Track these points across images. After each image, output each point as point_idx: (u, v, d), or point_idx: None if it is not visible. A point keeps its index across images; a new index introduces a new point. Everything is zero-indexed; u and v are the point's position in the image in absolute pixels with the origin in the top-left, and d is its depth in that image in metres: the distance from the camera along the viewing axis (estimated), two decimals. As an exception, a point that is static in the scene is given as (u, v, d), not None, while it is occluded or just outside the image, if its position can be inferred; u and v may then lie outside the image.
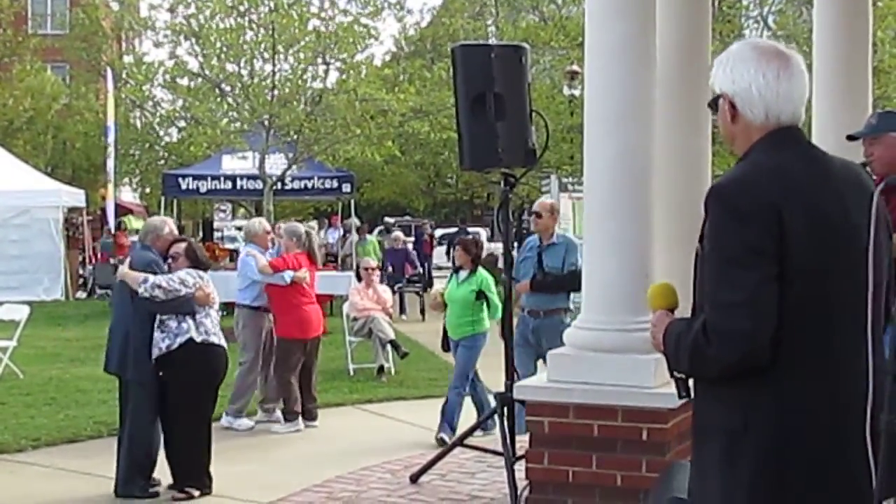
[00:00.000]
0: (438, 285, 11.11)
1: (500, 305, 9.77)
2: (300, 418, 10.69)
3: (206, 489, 8.20)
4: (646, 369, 6.06)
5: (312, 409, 10.88)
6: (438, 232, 40.93)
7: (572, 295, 9.74)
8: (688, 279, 3.53)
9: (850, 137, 5.90)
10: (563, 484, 6.26)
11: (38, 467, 9.26)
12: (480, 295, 10.06)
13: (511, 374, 7.37)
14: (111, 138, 25.76)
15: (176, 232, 9.04)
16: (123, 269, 8.23)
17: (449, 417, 9.82)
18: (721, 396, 3.08)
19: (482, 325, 10.11)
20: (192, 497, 8.11)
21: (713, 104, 3.28)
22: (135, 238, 28.83)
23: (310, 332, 10.89)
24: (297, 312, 10.79)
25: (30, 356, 14.68)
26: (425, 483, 7.73)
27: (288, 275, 10.69)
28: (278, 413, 10.86)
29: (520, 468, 6.71)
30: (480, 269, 10.31)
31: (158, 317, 8.20)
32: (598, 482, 6.15)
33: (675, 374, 3.28)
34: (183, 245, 8.58)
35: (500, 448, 7.19)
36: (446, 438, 9.35)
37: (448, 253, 30.24)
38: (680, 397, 3.32)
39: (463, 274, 10.30)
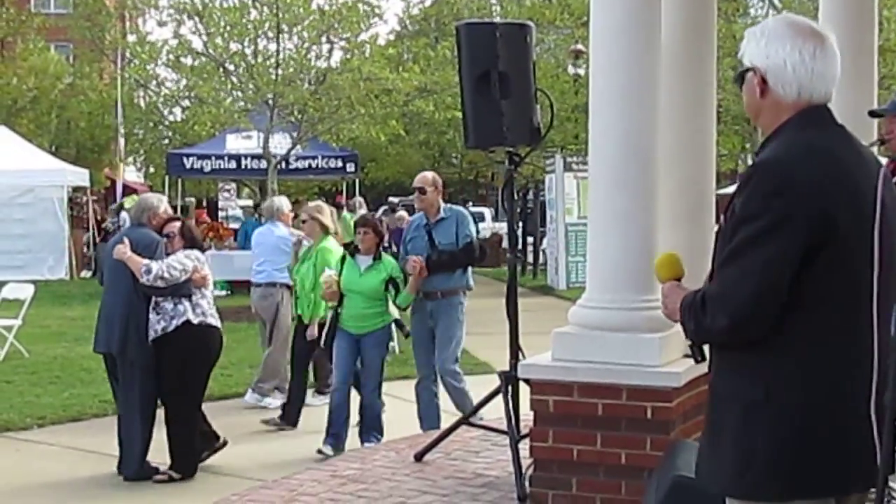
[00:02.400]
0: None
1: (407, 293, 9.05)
2: None
3: (190, 474, 8.30)
4: (650, 348, 6.06)
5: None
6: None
7: (470, 270, 9.30)
8: (693, 256, 3.55)
9: (873, 114, 5.85)
10: (568, 462, 6.27)
11: (44, 445, 9.30)
12: (388, 283, 9.02)
13: (515, 353, 7.36)
14: (121, 117, 25.79)
15: (170, 210, 9.02)
16: (125, 250, 8.15)
17: (375, 423, 9.18)
18: (743, 368, 3.10)
19: (389, 316, 9.13)
20: (172, 479, 8.19)
21: (741, 77, 3.25)
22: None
23: None
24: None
25: (35, 335, 14.72)
26: (430, 461, 7.74)
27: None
28: (276, 393, 11.06)
29: (524, 447, 6.72)
30: (384, 254, 9.34)
31: (153, 299, 8.21)
32: (603, 460, 6.16)
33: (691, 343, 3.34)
34: (177, 224, 8.55)
35: (504, 427, 7.20)
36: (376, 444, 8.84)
37: None
38: (696, 361, 3.39)
39: (365, 259, 9.12)
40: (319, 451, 8.74)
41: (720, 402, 3.18)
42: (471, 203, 41.56)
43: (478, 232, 9.60)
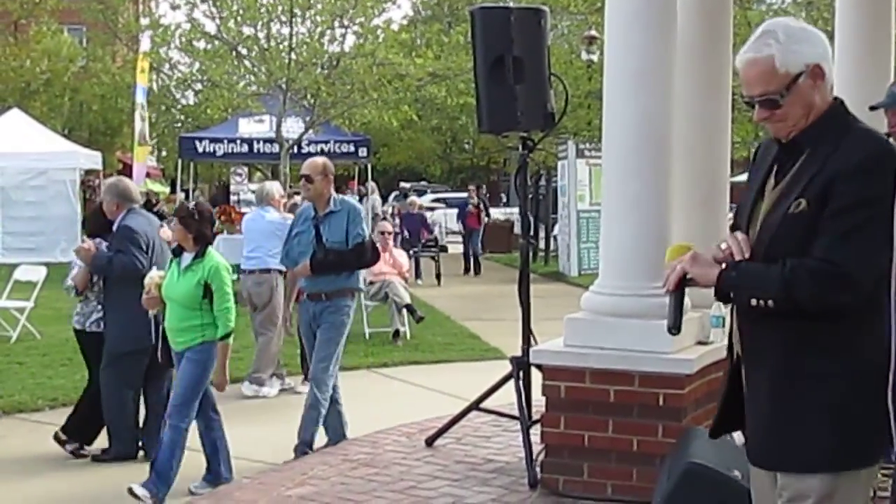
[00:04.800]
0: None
1: (231, 308, 7.29)
2: None
3: None
4: (663, 335, 6.02)
5: None
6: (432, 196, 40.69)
7: (360, 274, 8.43)
8: (706, 242, 3.55)
9: (872, 108, 5.82)
10: (579, 448, 6.28)
11: (56, 427, 9.30)
12: (209, 289, 7.29)
13: (527, 339, 7.35)
14: (141, 99, 25.76)
15: None
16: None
17: (164, 466, 7.15)
18: (822, 342, 3.23)
19: (213, 330, 7.33)
20: None
21: (790, 87, 3.30)
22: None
23: None
24: None
25: (47, 317, 14.73)
26: (441, 446, 7.75)
27: None
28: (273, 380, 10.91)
29: (536, 432, 6.72)
30: (211, 252, 7.42)
31: None
32: (614, 447, 6.17)
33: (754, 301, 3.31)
34: None
35: (516, 412, 7.20)
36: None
37: (459, 218, 29.71)
38: (671, 330, 3.53)
39: (186, 259, 7.38)
40: (131, 491, 7.04)
41: (811, 381, 3.25)
42: (481, 188, 41.41)
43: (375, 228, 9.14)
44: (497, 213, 37.19)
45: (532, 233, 27.31)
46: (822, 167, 3.23)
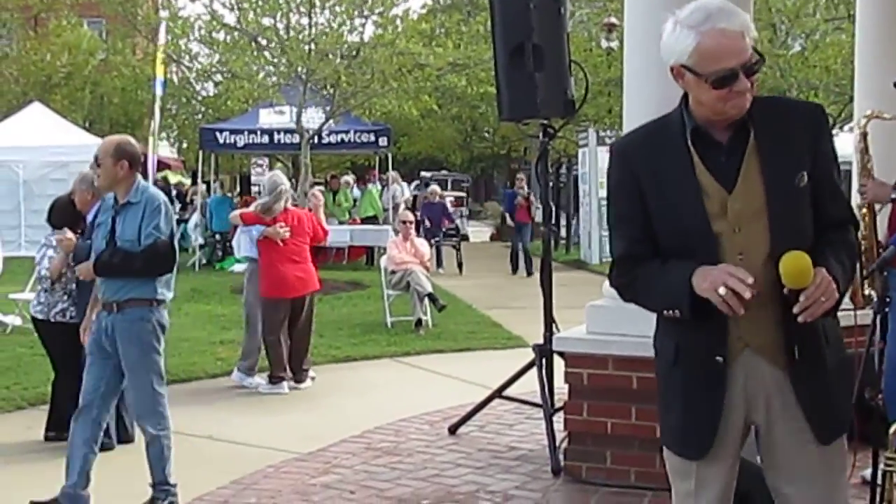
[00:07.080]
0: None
1: None
2: (284, 382, 10.27)
3: None
4: (685, 321, 6.03)
5: (302, 371, 10.50)
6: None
7: (167, 279, 6.49)
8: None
9: None
10: (602, 435, 6.28)
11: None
12: None
13: (550, 326, 7.35)
14: (159, 92, 25.86)
15: None
16: None
17: None
18: None
19: None
20: None
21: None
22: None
23: (288, 292, 10.27)
24: (273, 270, 10.27)
25: (70, 309, 14.81)
26: (464, 434, 7.77)
27: (256, 229, 10.27)
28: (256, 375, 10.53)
29: (558, 420, 6.73)
30: None
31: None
32: (637, 434, 6.16)
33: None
34: None
35: (538, 400, 7.21)
36: None
37: (507, 211, 29.50)
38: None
39: None
40: None
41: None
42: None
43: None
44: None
45: (553, 221, 27.28)
46: (796, 135, 3.22)
